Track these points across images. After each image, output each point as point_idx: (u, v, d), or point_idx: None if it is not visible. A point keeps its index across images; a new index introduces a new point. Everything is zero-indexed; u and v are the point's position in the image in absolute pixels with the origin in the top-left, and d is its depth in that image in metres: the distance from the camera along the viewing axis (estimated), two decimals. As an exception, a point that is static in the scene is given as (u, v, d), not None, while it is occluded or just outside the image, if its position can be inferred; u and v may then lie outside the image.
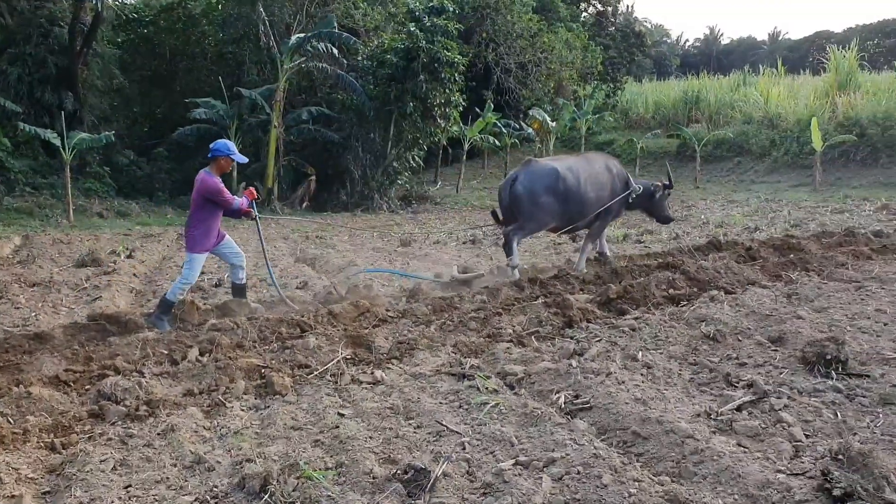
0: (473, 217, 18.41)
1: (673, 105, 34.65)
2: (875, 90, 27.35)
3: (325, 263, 10.33)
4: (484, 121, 25.16)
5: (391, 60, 19.85)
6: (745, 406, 4.16)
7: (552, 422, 3.92)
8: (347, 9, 22.81)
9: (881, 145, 23.26)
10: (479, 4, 27.46)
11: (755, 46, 76.30)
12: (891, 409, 4.11)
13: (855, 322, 5.94)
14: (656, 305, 6.76)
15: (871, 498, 2.99)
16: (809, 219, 14.98)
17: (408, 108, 19.83)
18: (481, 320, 6.17)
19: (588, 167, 8.97)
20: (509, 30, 27.95)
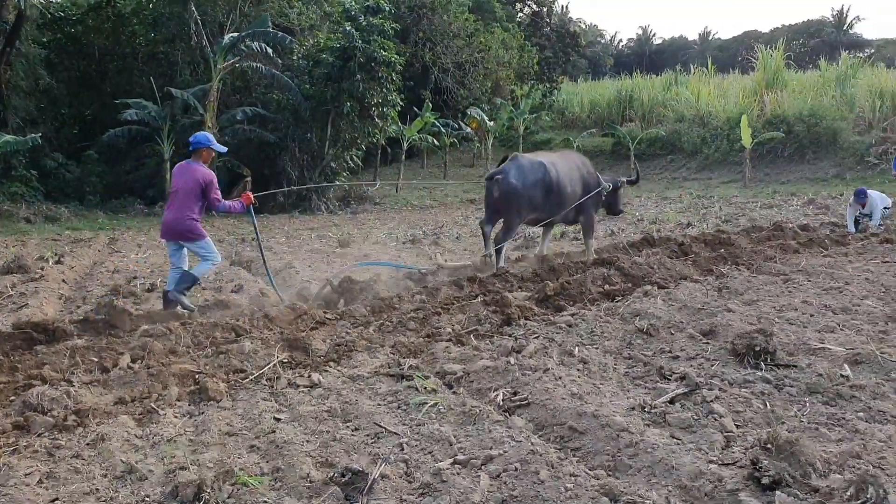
0: (413, 217, 18.42)
1: (607, 104, 35.25)
2: (801, 88, 28.32)
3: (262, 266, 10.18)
4: (422, 120, 25.18)
5: (327, 60, 19.70)
6: (677, 398, 4.25)
7: (490, 420, 3.93)
8: (282, 8, 22.55)
9: (807, 142, 24.09)
10: (415, 4, 27.46)
11: (686, 46, 78.10)
12: (817, 398, 4.24)
13: (783, 314, 6.12)
14: (592, 301, 6.85)
15: (797, 485, 3.08)
16: (739, 214, 15.41)
17: (345, 108, 19.71)
18: (420, 320, 6.16)
19: (566, 163, 9.55)
20: (446, 29, 28.03)
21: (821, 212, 15.44)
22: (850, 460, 3.36)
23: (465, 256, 10.30)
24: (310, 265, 10.23)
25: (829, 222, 13.08)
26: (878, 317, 5.99)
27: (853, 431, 3.75)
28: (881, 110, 24.85)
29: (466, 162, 31.83)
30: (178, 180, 7.20)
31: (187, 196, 7.08)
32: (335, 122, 20.35)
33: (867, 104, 25.39)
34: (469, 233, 14.50)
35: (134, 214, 19.34)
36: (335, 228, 15.92)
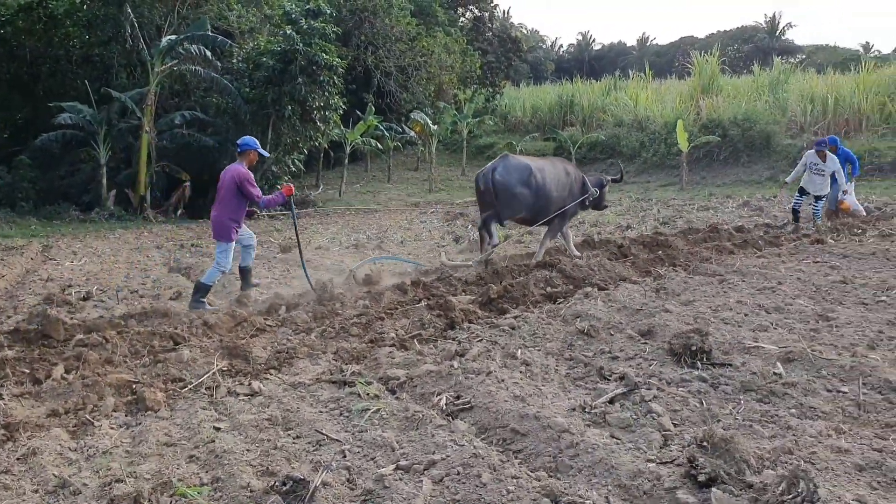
0: (357, 221, 18.32)
1: (549, 109, 35.63)
2: (735, 93, 29.08)
3: (201, 273, 9.99)
4: (365, 124, 25.08)
5: (267, 63, 19.49)
6: (617, 398, 4.31)
7: (433, 424, 3.93)
8: (221, 11, 22.22)
9: (742, 145, 24.73)
10: (356, 7, 27.36)
11: (625, 52, 79.47)
12: (751, 396, 4.35)
13: (718, 313, 6.27)
14: (535, 304, 6.92)
15: (733, 481, 3.15)
16: (677, 216, 15.74)
17: (286, 112, 19.51)
18: (363, 325, 6.13)
19: (553, 169, 9.98)
20: (388, 33, 27.99)
21: (755, 213, 15.86)
22: (782, 456, 3.46)
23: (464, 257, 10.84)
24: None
25: (763, 224, 13.44)
26: (809, 315, 6.17)
27: (786, 428, 3.85)
28: (812, 114, 25.67)
29: (410, 166, 31.82)
30: (221, 182, 7.79)
31: (227, 195, 7.71)
32: (276, 125, 20.12)
33: (799, 108, 26.21)
34: (413, 237, 14.49)
35: (69, 221, 18.77)
36: (277, 233, 15.74)
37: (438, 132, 27.50)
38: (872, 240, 10.65)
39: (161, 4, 20.96)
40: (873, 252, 9.40)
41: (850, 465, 3.40)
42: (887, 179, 20.74)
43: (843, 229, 11.67)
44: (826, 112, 25.31)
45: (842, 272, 8.11)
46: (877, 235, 11.02)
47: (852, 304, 6.62)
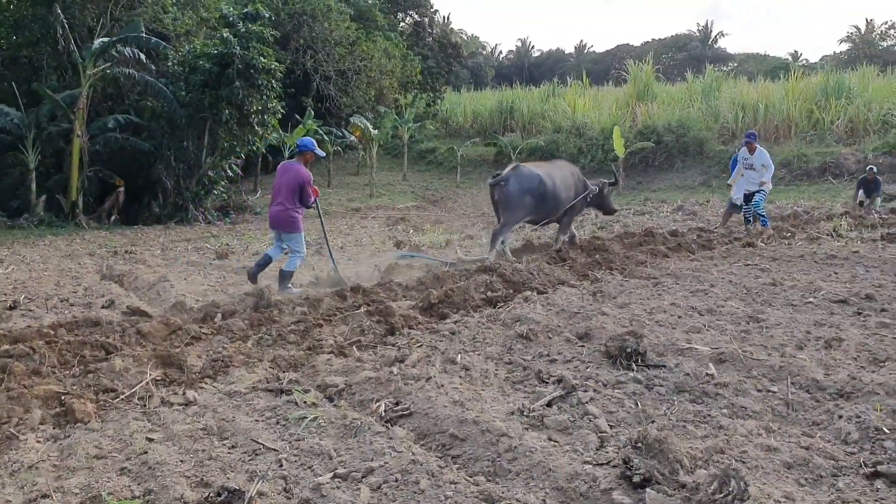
0: (296, 227, 18.12)
1: (489, 114, 35.89)
2: (669, 100, 29.75)
3: (135, 280, 9.76)
4: (304, 128, 24.82)
5: (204, 66, 19.12)
6: (555, 401, 4.35)
7: (372, 431, 3.91)
8: (156, 13, 21.70)
9: (676, 151, 25.31)
10: (295, 11, 27.10)
11: (563, 59, 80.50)
12: (684, 397, 4.44)
13: (653, 316, 6.39)
14: (475, 308, 6.95)
15: (666, 481, 3.21)
16: (614, 221, 16.00)
17: (223, 116, 19.19)
18: (301, 332, 6.05)
19: (560, 172, 11.07)
20: (327, 37, 27.78)
21: (689, 217, 16.25)
22: (714, 455, 3.53)
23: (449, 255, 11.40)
24: (185, 278, 9.86)
25: (696, 227, 13.76)
26: (740, 317, 6.34)
27: (717, 427, 3.94)
28: (743, 121, 26.43)
29: (351, 170, 31.62)
30: (280, 178, 8.59)
31: (289, 192, 8.46)
32: (213, 129, 19.76)
33: (730, 115, 26.95)
34: (353, 242, 14.41)
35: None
36: (213, 240, 15.45)
37: (379, 137, 27.41)
38: (801, 243, 11.00)
39: (93, 5, 20.36)
40: (801, 255, 9.71)
41: (778, 462, 3.50)
42: (815, 184, 21.48)
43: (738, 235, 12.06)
44: (756, 119, 26.08)
45: (771, 274, 8.35)
46: (805, 239, 11.40)
47: (781, 306, 6.83)
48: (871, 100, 25.50)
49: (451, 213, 21.06)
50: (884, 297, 7.02)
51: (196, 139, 19.91)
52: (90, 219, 18.59)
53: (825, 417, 4.10)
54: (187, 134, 19.82)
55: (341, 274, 8.98)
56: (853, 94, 26.27)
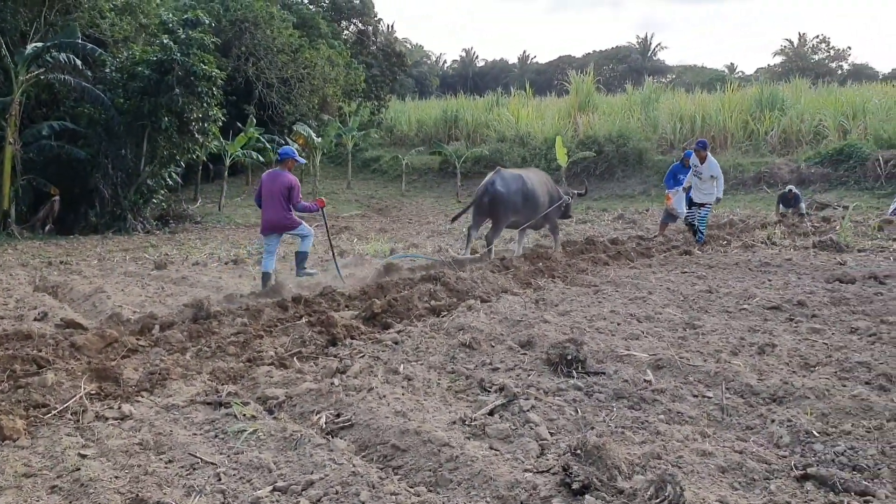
0: (238, 235, 17.87)
1: (434, 123, 35.97)
2: (610, 111, 30.24)
3: (70, 291, 9.49)
4: (246, 136, 24.52)
5: (143, 73, 18.75)
6: (497, 409, 4.37)
7: (312, 443, 3.87)
8: (92, 18, 21.19)
9: (616, 161, 25.74)
10: (237, 18, 26.77)
11: (507, 69, 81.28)
12: (623, 403, 4.51)
13: (593, 323, 6.48)
14: (419, 317, 6.95)
15: (605, 487, 3.25)
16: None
17: (162, 123, 18.82)
18: (241, 344, 5.96)
19: (537, 178, 11.72)
20: (270, 44, 27.51)
21: (629, 226, 16.53)
22: (651, 461, 3.59)
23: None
24: (122, 289, 9.63)
25: (636, 236, 14.01)
26: (677, 324, 6.47)
27: (655, 433, 4.01)
28: (681, 132, 27.03)
29: (294, 179, 31.39)
30: (269, 185, 9.17)
31: (280, 198, 9.09)
32: (152, 137, 19.37)
33: (669, 126, 27.54)
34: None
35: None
36: (152, 249, 15.13)
37: (322, 145, 27.23)
38: (736, 251, 11.29)
39: (26, 9, 19.78)
40: (736, 263, 9.97)
41: (713, 467, 3.57)
42: (750, 193, 22.05)
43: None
44: (694, 130, 26.69)
45: (708, 282, 8.55)
46: (740, 247, 11.70)
47: (717, 313, 6.99)
48: (804, 111, 26.34)
49: (397, 222, 20.99)
50: (815, 304, 7.25)
51: (135, 147, 19.49)
52: (23, 229, 18.03)
53: (758, 422, 4.21)
54: (125, 142, 19.39)
55: (342, 273, 9.73)
56: (786, 106, 27.10)
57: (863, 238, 12.21)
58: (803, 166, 22.43)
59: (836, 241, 11.24)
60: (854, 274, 8.69)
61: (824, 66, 66.08)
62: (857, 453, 3.70)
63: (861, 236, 12.40)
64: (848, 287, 8.06)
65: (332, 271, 9.92)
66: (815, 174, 21.89)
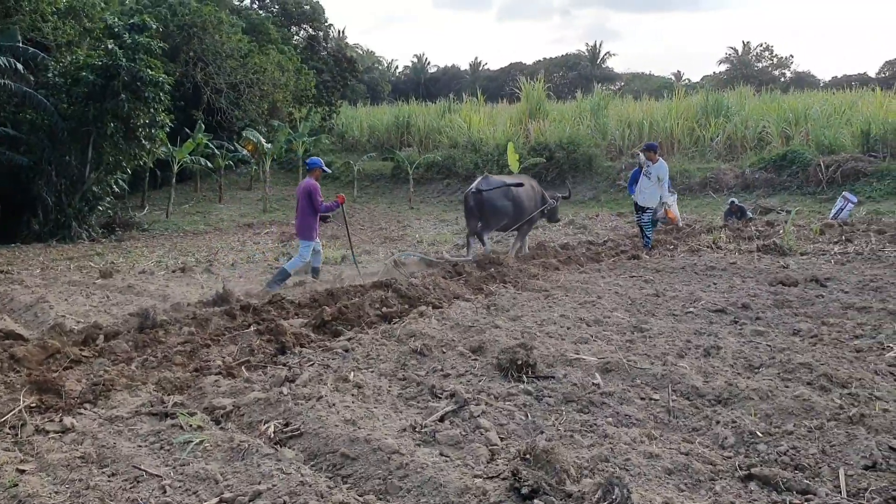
0: (185, 243, 17.58)
1: (386, 129, 35.91)
2: (561, 118, 30.53)
3: (10, 301, 9.22)
4: (194, 142, 24.16)
5: (87, 78, 18.35)
6: (447, 416, 4.37)
7: (260, 453, 3.82)
8: (34, 22, 20.69)
9: (567, 167, 25.99)
10: (184, 23, 26.40)
11: (459, 76, 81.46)
12: (572, 407, 4.55)
13: (543, 328, 6.53)
14: (370, 324, 6.91)
15: (554, 491, 3.26)
16: (509, 234, 16.25)
17: (108, 129, 18.45)
18: (188, 354, 5.87)
19: (525, 183, 12.25)
20: (218, 49, 27.19)
21: (579, 231, 16.71)
22: (599, 464, 3.63)
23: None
24: (66, 299, 9.39)
25: (586, 241, 14.15)
26: (625, 327, 6.56)
27: (603, 436, 4.05)
28: (629, 138, 27.43)
29: (243, 185, 30.95)
30: (298, 194, 10.19)
31: (304, 203, 9.97)
32: (97, 143, 18.96)
33: (618, 133, 27.92)
34: (245, 259, 14.10)
35: None
36: (98, 258, 14.80)
37: (272, 151, 26.95)
38: (683, 255, 11.49)
39: (-37, 12, 19.26)
40: (683, 267, 10.14)
41: (660, 469, 3.63)
42: (696, 199, 22.46)
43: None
44: (642, 136, 27.10)
45: (655, 286, 8.68)
46: (687, 251, 11.91)
47: (664, 316, 7.10)
48: (748, 118, 26.94)
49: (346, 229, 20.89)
50: (758, 306, 7.41)
51: (79, 153, 19.06)
52: (-39, 237, 17.49)
53: (704, 423, 4.28)
54: (70, 148, 18.95)
55: (359, 268, 10.77)
56: (731, 113, 27.69)
57: (805, 242, 12.52)
58: (748, 172, 22.93)
59: (780, 245, 11.51)
60: (796, 277, 8.91)
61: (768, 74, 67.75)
62: (798, 453, 3.79)
63: (803, 240, 12.71)
64: (790, 290, 8.26)
65: (352, 265, 11.15)
66: (759, 179, 22.40)
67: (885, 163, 21.20)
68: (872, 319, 6.76)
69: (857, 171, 20.91)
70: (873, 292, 8.06)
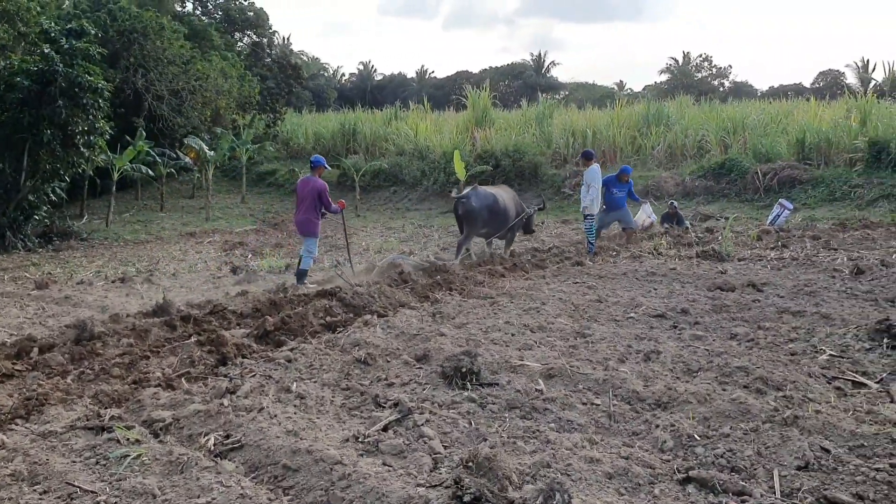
0: (126, 253, 17.18)
1: (332, 136, 35.66)
2: (507, 126, 30.77)
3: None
4: (135, 149, 23.63)
5: (22, 84, 17.81)
6: (391, 425, 4.36)
7: (199, 466, 3.75)
8: (-35, 25, 20.06)
9: (513, 174, 26.18)
10: (125, 28, 25.84)
11: (405, 83, 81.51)
12: (515, 413, 4.58)
13: (488, 334, 6.56)
14: (314, 334, 6.86)
15: (496, 498, 3.28)
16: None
17: (44, 136, 17.91)
18: (126, 366, 5.74)
19: (505, 195, 13.09)
20: (160, 55, 26.68)
21: (525, 238, 16.79)
22: (541, 470, 3.66)
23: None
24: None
25: (532, 248, 14.28)
26: (568, 333, 6.64)
27: (545, 442, 4.09)
28: (574, 146, 27.75)
29: (186, 193, 30.38)
30: (301, 190, 10.65)
31: (311, 201, 10.44)
32: (33, 151, 18.39)
33: (562, 141, 28.22)
34: (187, 268, 13.85)
35: None
36: (33, 268, 14.37)
37: (215, 158, 26.51)
38: (625, 261, 11.68)
39: None
40: (625, 273, 10.31)
41: (600, 473, 3.68)
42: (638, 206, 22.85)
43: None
44: (586, 144, 27.39)
45: (598, 292, 8.81)
46: (629, 257, 12.11)
47: (606, 322, 7.21)
48: (688, 126, 27.54)
49: (293, 237, 20.65)
50: (697, 311, 7.58)
51: (14, 161, 18.46)
52: None
53: (644, 427, 4.36)
54: (3, 155, 18.34)
55: (353, 270, 11.32)
56: (672, 122, 28.28)
57: (742, 247, 12.85)
58: (688, 179, 23.42)
59: (718, 251, 11.79)
60: (734, 282, 9.13)
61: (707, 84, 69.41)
62: (735, 455, 3.88)
63: (741, 246, 13.04)
64: (728, 295, 8.46)
65: (347, 267, 11.82)
66: (699, 187, 22.90)
67: (819, 171, 21.89)
68: (806, 323, 6.96)
69: (792, 178, 21.54)
70: (807, 297, 8.30)
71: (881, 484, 3.53)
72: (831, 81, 61.98)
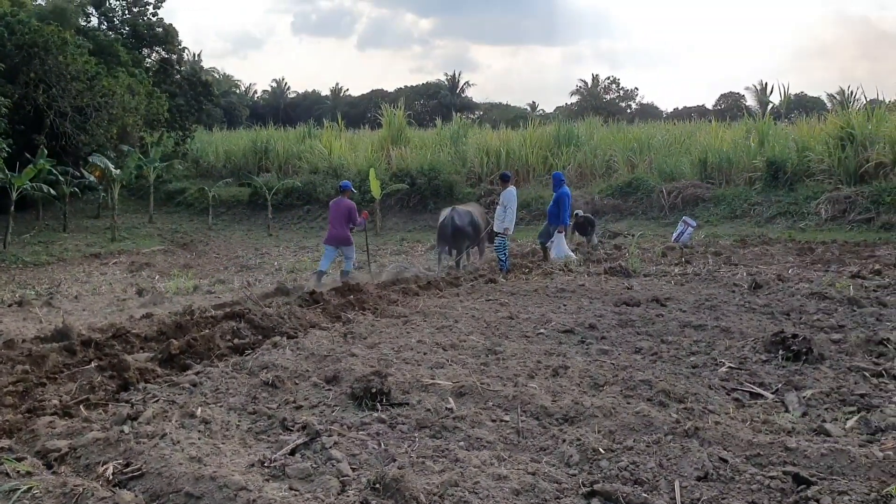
0: (25, 275, 16.44)
1: (243, 154, 35.15)
2: (422, 145, 30.98)
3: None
4: (35, 168, 22.67)
5: None
6: (298, 449, 4.28)
7: (95, 497, 3.59)
8: None
9: (428, 193, 26.38)
10: (24, 42, 24.82)
11: (320, 101, 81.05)
12: (425, 432, 4.58)
13: (400, 354, 6.55)
14: (221, 357, 6.69)
15: (402, 518, 3.28)
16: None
17: (-65, 154, 17.07)
18: (20, 394, 5.46)
19: (477, 211, 15.01)
20: (62, 71, 25.70)
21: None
22: (449, 489, 3.66)
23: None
24: None
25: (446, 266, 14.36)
26: (480, 350, 6.69)
27: (454, 461, 4.09)
28: (488, 165, 28.18)
29: (90, 213, 29.30)
30: (335, 209, 12.74)
31: (341, 218, 12.59)
32: (-78, 169, 17.51)
33: (477, 160, 28.62)
34: (91, 290, 13.35)
35: None
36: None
37: (122, 177, 25.72)
38: (536, 278, 11.88)
39: None
40: (536, 289, 10.48)
41: (507, 490, 3.70)
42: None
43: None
44: (500, 164, 27.90)
45: (509, 308, 8.92)
46: (540, 274, 12.32)
47: (517, 338, 7.31)
48: (597, 147, 28.37)
49: (203, 257, 20.22)
50: (604, 326, 7.76)
51: None
52: None
53: (551, 442, 4.42)
54: None
55: (371, 274, 13.19)
56: (581, 142, 29.08)
57: (648, 264, 13.26)
58: (597, 198, 24.07)
59: (625, 267, 12.13)
60: (639, 297, 9.40)
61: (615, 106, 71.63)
62: (638, 467, 3.98)
63: (647, 262, 13.46)
64: (633, 310, 8.70)
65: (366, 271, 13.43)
66: (608, 205, 23.57)
67: (720, 189, 22.86)
68: (707, 336, 7.23)
69: (696, 196, 22.43)
70: (709, 311, 8.63)
71: (775, 491, 3.68)
72: (732, 104, 64.88)
